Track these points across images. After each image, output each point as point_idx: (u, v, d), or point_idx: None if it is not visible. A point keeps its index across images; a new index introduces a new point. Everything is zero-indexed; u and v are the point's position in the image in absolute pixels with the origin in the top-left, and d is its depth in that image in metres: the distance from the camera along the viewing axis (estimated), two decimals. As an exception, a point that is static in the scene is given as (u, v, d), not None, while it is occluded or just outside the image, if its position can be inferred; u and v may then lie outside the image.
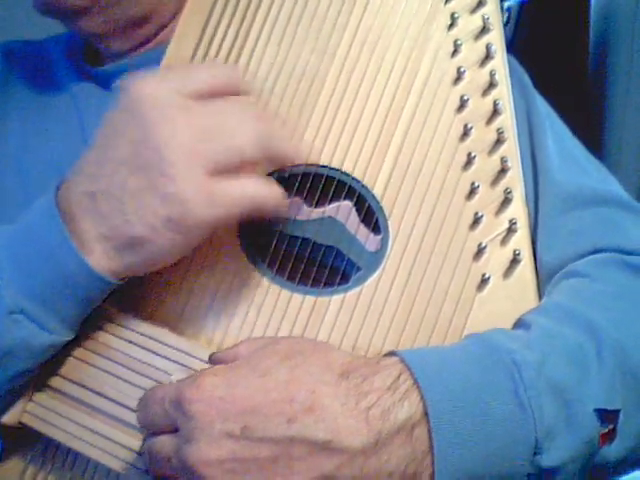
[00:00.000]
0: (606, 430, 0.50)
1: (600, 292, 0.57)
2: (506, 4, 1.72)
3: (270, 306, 0.57)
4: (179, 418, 0.48)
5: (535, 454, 0.48)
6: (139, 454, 0.54)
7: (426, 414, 0.47)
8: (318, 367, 0.49)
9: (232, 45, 0.61)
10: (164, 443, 0.49)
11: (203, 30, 0.61)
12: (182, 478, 0.48)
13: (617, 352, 0.52)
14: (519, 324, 0.56)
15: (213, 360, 0.53)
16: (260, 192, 0.53)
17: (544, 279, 0.60)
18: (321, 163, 0.59)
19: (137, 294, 0.58)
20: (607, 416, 0.50)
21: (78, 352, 0.56)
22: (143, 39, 0.71)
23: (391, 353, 0.51)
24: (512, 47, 0.70)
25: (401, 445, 0.47)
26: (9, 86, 0.73)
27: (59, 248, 0.51)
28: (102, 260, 0.52)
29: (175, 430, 0.49)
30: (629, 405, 0.51)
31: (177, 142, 0.49)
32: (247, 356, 0.51)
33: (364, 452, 0.46)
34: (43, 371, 0.56)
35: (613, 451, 0.51)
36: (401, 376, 0.48)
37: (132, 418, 0.54)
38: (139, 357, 0.55)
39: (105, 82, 0.71)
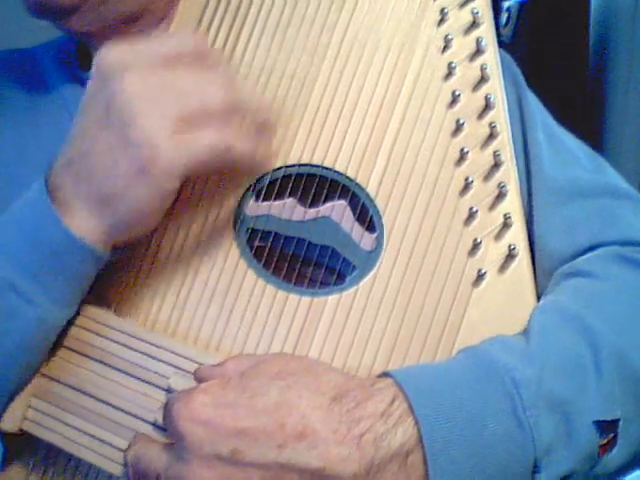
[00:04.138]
0: (606, 440, 0.50)
1: (600, 292, 0.56)
2: (506, 4, 1.72)
3: (267, 307, 0.57)
4: (171, 433, 0.49)
5: (534, 472, 0.48)
6: None
7: (421, 440, 0.46)
8: (309, 389, 0.48)
9: (224, 46, 0.61)
10: (154, 457, 0.49)
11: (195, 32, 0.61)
12: None
13: (615, 358, 0.51)
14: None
15: (197, 375, 0.53)
16: (230, 139, 0.52)
17: (545, 272, 0.60)
18: (314, 163, 0.59)
19: (134, 299, 0.58)
20: (606, 427, 0.50)
21: (76, 358, 0.56)
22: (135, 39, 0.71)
23: (385, 374, 0.51)
24: (512, 47, 0.70)
25: (395, 473, 0.46)
26: (3, 94, 0.73)
27: (43, 217, 0.52)
28: (85, 225, 0.52)
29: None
30: (629, 411, 0.51)
31: (142, 96, 0.50)
32: (237, 374, 0.50)
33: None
34: (41, 378, 0.56)
35: (614, 458, 0.51)
36: (395, 401, 0.48)
37: (131, 423, 0.54)
38: (137, 362, 0.55)
39: None
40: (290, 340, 0.56)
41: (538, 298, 0.58)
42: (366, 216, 0.59)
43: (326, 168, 0.59)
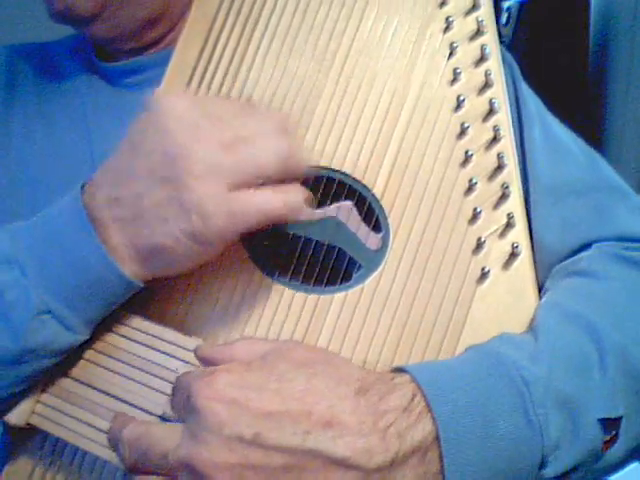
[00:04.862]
0: (609, 437, 0.51)
1: (600, 291, 0.57)
2: (506, 4, 1.73)
3: (273, 305, 0.57)
4: (186, 411, 0.47)
5: (541, 467, 0.49)
6: None
7: (437, 437, 0.47)
8: (334, 380, 0.48)
9: (234, 53, 0.62)
10: (161, 435, 0.48)
11: (206, 38, 0.63)
12: (178, 477, 0.46)
13: (619, 354, 0.52)
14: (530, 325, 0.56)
15: (200, 354, 0.52)
16: (277, 205, 0.52)
17: (543, 267, 0.61)
18: (322, 165, 0.60)
19: (143, 296, 0.58)
20: (610, 424, 0.51)
21: (85, 352, 0.57)
22: (154, 40, 0.72)
23: (402, 369, 0.51)
24: (512, 47, 0.71)
25: (415, 466, 0.46)
26: (13, 87, 0.74)
27: (90, 255, 0.52)
28: (130, 265, 0.52)
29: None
30: (631, 408, 0.51)
31: (200, 155, 0.50)
32: (255, 357, 0.49)
33: (379, 471, 0.45)
34: (50, 372, 0.56)
35: (615, 454, 0.52)
36: (415, 397, 0.48)
37: (139, 416, 0.54)
38: (144, 355, 0.56)
39: (114, 79, 0.72)
40: (296, 338, 0.57)
41: (539, 294, 0.59)
42: (372, 216, 0.59)
43: (333, 170, 0.60)
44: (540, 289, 0.60)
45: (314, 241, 0.59)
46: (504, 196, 0.59)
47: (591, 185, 0.65)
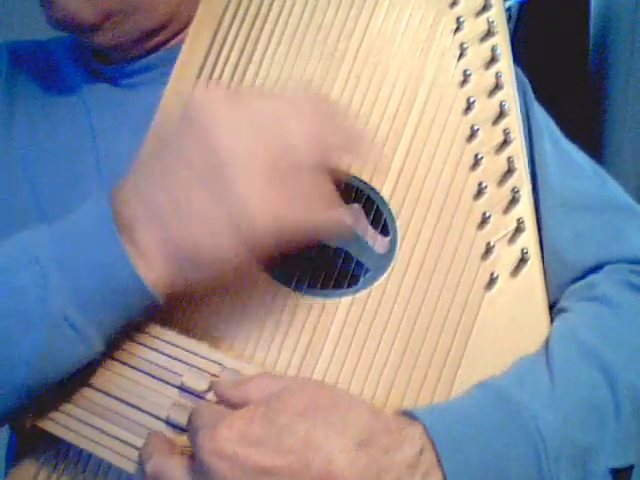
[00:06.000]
0: None
1: (616, 322, 0.57)
2: (506, 4, 1.73)
3: (280, 309, 0.57)
4: (196, 459, 0.48)
5: None
6: None
7: None
8: (337, 429, 0.47)
9: (241, 53, 0.62)
10: (176, 477, 0.49)
11: (212, 39, 0.62)
12: None
13: (632, 397, 0.52)
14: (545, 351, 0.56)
15: (217, 391, 0.52)
16: (322, 218, 0.53)
17: (552, 276, 0.60)
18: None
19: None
20: (621, 473, 0.51)
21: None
22: (157, 45, 0.71)
23: (413, 415, 0.50)
24: (512, 47, 0.71)
25: None
26: (15, 85, 0.72)
27: (113, 259, 0.50)
28: (156, 272, 0.51)
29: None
30: None
31: (244, 158, 0.50)
32: (261, 402, 0.49)
33: None
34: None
35: None
36: (424, 452, 0.47)
37: (144, 420, 0.54)
38: (149, 359, 0.55)
39: (115, 80, 0.71)
40: (303, 341, 0.57)
41: (548, 303, 0.59)
42: (380, 220, 0.59)
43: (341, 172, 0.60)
44: (551, 300, 0.59)
45: (321, 244, 0.59)
46: (514, 200, 0.59)
47: (602, 202, 0.65)
